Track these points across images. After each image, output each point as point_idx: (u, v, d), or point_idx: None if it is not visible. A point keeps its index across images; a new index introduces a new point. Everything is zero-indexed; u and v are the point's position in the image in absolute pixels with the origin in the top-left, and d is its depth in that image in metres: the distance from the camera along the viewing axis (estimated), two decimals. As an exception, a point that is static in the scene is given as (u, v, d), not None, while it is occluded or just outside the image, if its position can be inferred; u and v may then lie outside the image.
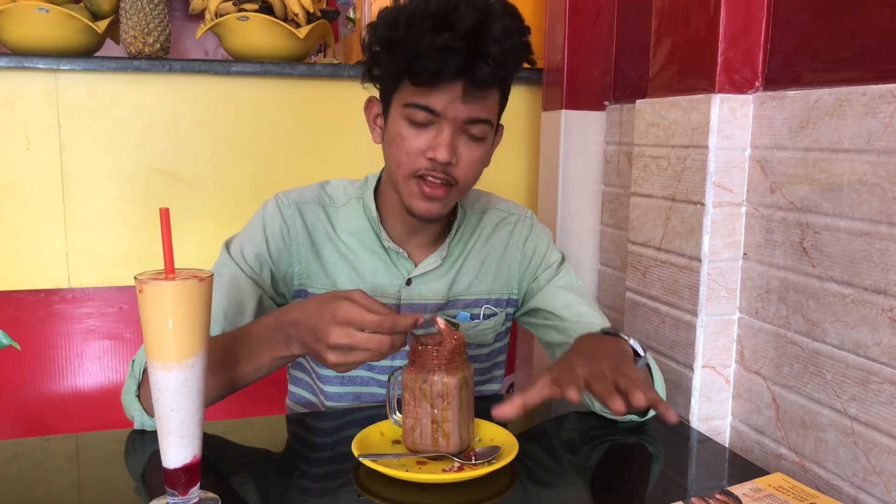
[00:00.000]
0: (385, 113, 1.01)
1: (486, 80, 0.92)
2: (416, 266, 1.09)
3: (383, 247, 1.08)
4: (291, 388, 1.21)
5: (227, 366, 0.92)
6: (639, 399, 0.74)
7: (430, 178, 0.97)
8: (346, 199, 1.11)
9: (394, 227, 1.08)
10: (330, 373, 1.11)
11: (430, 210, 1.00)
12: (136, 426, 0.96)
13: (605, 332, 0.96)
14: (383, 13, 0.96)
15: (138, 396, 0.95)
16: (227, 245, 1.07)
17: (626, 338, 0.93)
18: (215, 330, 0.99)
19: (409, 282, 1.09)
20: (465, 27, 0.88)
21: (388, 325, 0.80)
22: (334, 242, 1.08)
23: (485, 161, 1.01)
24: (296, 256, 1.07)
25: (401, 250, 1.08)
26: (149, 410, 0.94)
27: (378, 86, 1.02)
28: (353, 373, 1.11)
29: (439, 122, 0.95)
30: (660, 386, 1.03)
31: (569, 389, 0.78)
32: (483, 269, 1.13)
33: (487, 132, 0.99)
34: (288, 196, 1.09)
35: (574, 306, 1.11)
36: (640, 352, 0.92)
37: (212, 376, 0.90)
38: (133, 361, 0.96)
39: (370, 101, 1.04)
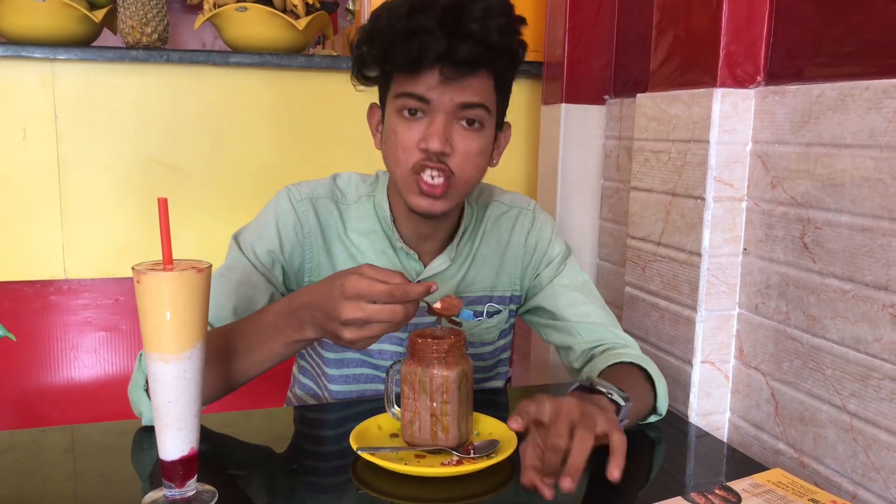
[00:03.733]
0: (383, 115, 1.00)
1: (466, 59, 0.89)
2: (425, 268, 1.07)
3: (393, 248, 1.06)
4: (300, 377, 1.19)
5: (234, 356, 0.90)
6: (566, 483, 0.70)
7: (427, 171, 0.93)
8: (357, 196, 1.08)
9: (404, 228, 1.06)
10: (335, 372, 1.10)
11: (431, 207, 0.96)
12: (145, 422, 0.93)
13: (583, 387, 0.89)
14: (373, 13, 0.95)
15: (147, 391, 0.91)
16: (238, 239, 1.04)
17: (606, 391, 0.86)
18: None
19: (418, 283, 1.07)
20: (441, 7, 0.87)
21: (400, 294, 0.78)
22: (344, 242, 1.06)
23: (485, 154, 0.97)
24: (308, 253, 1.05)
25: (411, 251, 1.06)
26: None
27: (374, 88, 1.01)
28: (357, 371, 1.10)
29: (430, 111, 0.92)
30: (662, 390, 1.02)
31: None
32: (486, 267, 1.11)
33: (484, 118, 0.95)
34: (300, 190, 1.06)
35: (577, 305, 1.09)
36: (621, 402, 0.86)
37: (218, 367, 0.90)
38: (141, 355, 0.94)
39: (372, 107, 1.03)
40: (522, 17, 0.95)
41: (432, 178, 0.94)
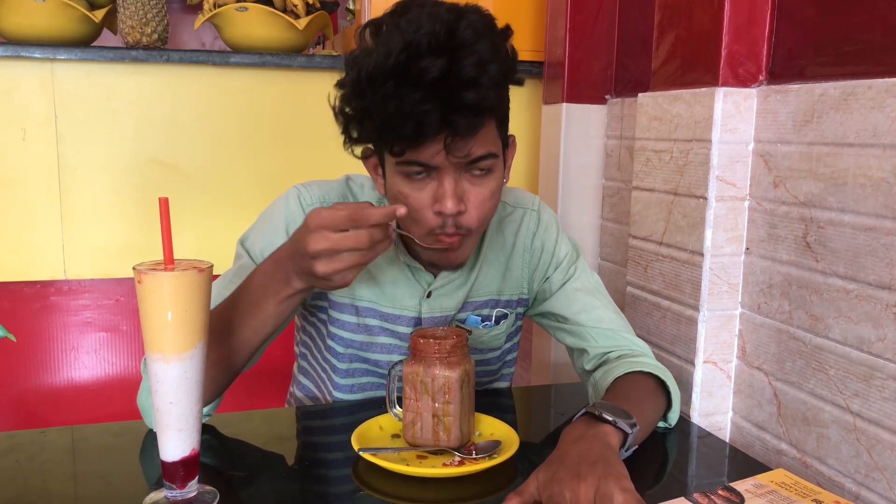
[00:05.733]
0: (381, 165, 0.95)
1: (468, 129, 0.84)
2: (435, 278, 1.05)
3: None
4: (299, 376, 1.17)
5: (232, 330, 0.89)
6: None
7: (444, 236, 0.91)
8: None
9: (411, 241, 1.03)
10: (342, 381, 1.09)
11: (452, 261, 0.95)
12: (149, 424, 0.93)
13: (591, 414, 0.86)
14: (347, 64, 0.88)
15: None
16: (245, 244, 1.02)
17: (612, 419, 0.84)
18: None
19: (429, 294, 1.05)
20: (431, 79, 0.80)
21: (360, 217, 0.78)
22: None
23: (498, 192, 0.94)
24: None
25: (418, 265, 1.03)
26: None
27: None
28: (362, 380, 1.09)
29: (438, 171, 0.88)
30: (676, 402, 1.01)
31: None
32: (492, 271, 1.09)
33: (494, 163, 0.91)
34: (311, 193, 1.03)
35: (591, 311, 1.07)
36: (627, 430, 0.84)
37: (218, 347, 0.88)
38: (145, 361, 0.93)
39: (365, 152, 0.97)
40: (508, 32, 0.88)
41: (448, 235, 0.91)
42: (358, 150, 0.95)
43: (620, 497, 0.70)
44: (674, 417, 1.01)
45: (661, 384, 1.01)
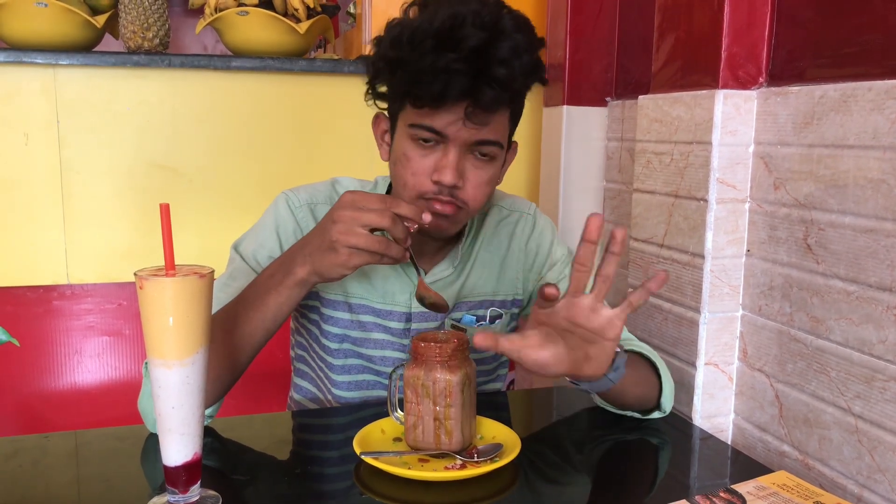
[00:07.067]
0: (392, 130, 0.98)
1: (490, 102, 0.88)
2: (426, 274, 1.06)
3: None
4: (297, 380, 1.18)
5: (236, 325, 0.91)
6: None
7: (437, 202, 0.94)
8: None
9: None
10: (339, 378, 1.09)
11: (438, 226, 0.96)
12: (151, 428, 0.94)
13: None
14: (388, 27, 0.92)
15: None
16: (238, 248, 1.04)
17: None
18: None
19: None
20: (470, 47, 0.84)
21: (389, 200, 0.84)
22: None
23: (495, 181, 0.98)
24: None
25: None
26: None
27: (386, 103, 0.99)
28: (359, 377, 1.10)
29: (445, 143, 0.91)
30: (668, 387, 1.02)
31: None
32: (487, 271, 1.11)
33: (497, 153, 0.95)
34: (298, 196, 1.06)
35: None
36: (616, 349, 0.88)
37: (223, 344, 0.90)
38: (146, 364, 0.94)
39: (378, 116, 1.01)
40: (542, 41, 0.94)
41: (442, 203, 0.94)
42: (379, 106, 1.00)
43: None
44: (667, 403, 1.02)
45: (655, 372, 1.02)
